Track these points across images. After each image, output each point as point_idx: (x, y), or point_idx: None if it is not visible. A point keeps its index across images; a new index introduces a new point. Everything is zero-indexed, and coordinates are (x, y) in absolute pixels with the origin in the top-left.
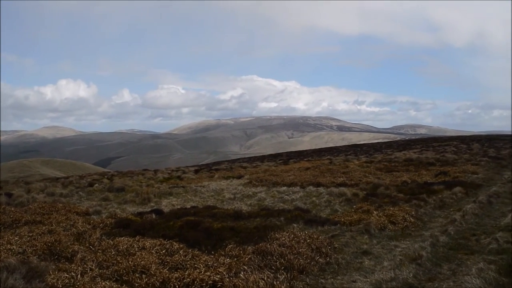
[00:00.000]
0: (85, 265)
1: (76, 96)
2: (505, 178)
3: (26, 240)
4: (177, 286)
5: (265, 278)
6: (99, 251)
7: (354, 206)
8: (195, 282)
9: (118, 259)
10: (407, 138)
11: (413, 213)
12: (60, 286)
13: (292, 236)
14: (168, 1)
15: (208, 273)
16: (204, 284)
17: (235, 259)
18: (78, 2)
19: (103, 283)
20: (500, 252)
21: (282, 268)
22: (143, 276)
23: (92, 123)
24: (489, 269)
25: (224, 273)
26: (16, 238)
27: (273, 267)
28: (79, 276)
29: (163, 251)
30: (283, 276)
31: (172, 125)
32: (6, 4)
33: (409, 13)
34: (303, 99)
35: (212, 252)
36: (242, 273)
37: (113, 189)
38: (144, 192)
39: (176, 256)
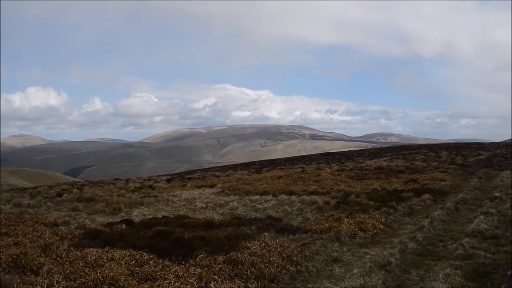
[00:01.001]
0: (51, 278)
1: (46, 104)
2: (471, 185)
3: None
4: None
5: None
6: (67, 263)
7: (326, 214)
8: None
9: (86, 271)
10: (378, 146)
11: (383, 220)
12: None
13: (263, 245)
14: (140, 9)
15: (178, 284)
16: None
17: (206, 269)
18: (48, 9)
19: None
20: (466, 257)
21: (253, 277)
22: None
23: (62, 132)
24: (456, 275)
25: (195, 283)
26: None
27: (244, 277)
28: None
29: (133, 262)
30: (254, 285)
31: (144, 134)
32: None
33: (381, 24)
34: (276, 108)
35: (183, 262)
36: (212, 283)
37: (83, 199)
38: (114, 202)
39: (146, 267)
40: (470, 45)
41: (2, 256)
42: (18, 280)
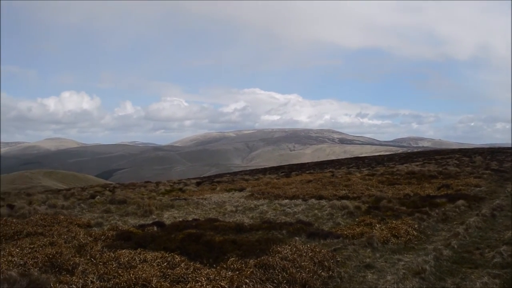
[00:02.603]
0: (86, 278)
1: (80, 108)
2: (508, 191)
3: (27, 252)
4: None
5: None
6: (100, 263)
7: (357, 219)
8: None
9: (119, 271)
10: (409, 151)
11: (416, 226)
12: None
13: (294, 249)
14: (169, 15)
15: (210, 286)
16: None
17: (237, 272)
18: (80, 15)
19: None
20: (504, 266)
21: (284, 281)
22: None
23: (94, 135)
24: (494, 284)
25: (226, 286)
26: (17, 250)
27: (275, 281)
28: None
29: (165, 264)
30: None
31: (174, 138)
32: (7, 15)
33: (413, 27)
34: (305, 112)
35: (214, 265)
36: (244, 286)
37: (115, 201)
38: (146, 205)
39: (178, 269)
40: (506, 47)
41: (38, 256)
42: (54, 279)
